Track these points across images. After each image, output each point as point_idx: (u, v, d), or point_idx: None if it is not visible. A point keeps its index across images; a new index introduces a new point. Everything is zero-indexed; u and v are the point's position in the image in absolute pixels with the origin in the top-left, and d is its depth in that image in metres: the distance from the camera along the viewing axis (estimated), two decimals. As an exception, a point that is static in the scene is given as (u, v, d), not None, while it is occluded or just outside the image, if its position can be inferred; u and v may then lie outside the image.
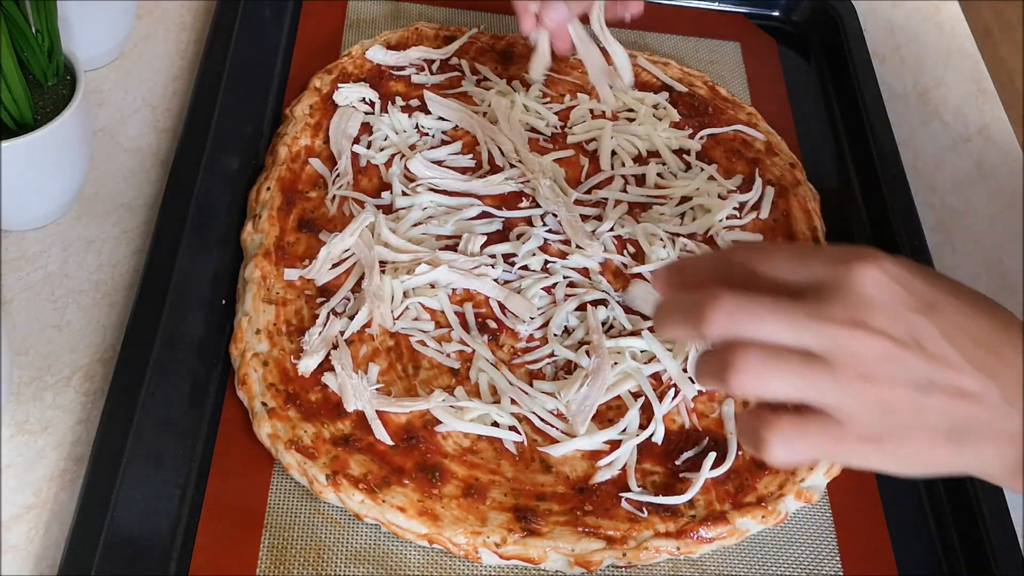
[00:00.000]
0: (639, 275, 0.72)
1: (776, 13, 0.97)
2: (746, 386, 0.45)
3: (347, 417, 0.62)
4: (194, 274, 0.66)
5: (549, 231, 0.73)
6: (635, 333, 0.68)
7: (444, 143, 0.78)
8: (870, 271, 0.46)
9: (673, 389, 0.66)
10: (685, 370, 0.66)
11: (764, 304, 0.46)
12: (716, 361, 0.46)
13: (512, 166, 0.76)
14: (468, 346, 0.66)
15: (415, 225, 0.71)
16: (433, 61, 0.83)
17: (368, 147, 0.76)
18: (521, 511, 0.60)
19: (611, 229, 0.74)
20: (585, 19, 0.80)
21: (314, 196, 0.73)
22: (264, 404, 0.62)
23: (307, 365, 0.63)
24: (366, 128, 0.77)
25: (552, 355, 0.67)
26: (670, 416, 0.65)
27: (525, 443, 0.63)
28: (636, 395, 0.66)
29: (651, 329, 0.68)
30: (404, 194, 0.73)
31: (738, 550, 0.62)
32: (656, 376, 0.67)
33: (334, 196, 0.72)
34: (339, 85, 0.78)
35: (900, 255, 0.47)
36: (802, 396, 0.45)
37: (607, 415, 0.65)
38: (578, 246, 0.72)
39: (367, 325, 0.66)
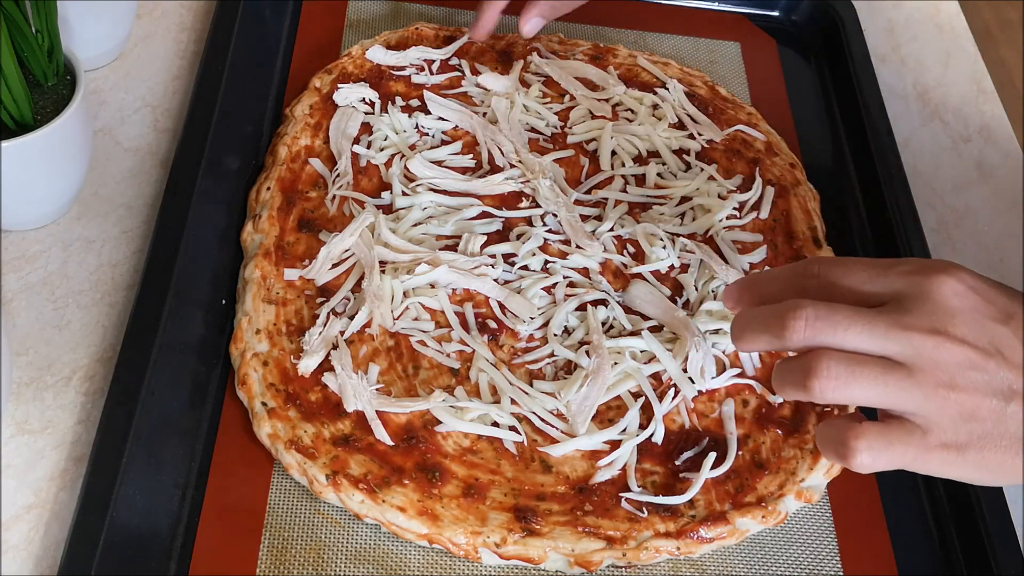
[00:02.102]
0: (639, 275, 0.72)
1: (776, 13, 0.97)
2: (828, 391, 0.46)
3: (347, 417, 0.62)
4: (194, 274, 0.66)
5: (549, 231, 0.73)
6: (635, 333, 0.68)
7: (444, 143, 0.78)
8: (949, 282, 0.47)
9: (673, 389, 0.66)
10: (685, 370, 0.66)
11: (845, 312, 0.47)
12: (797, 368, 0.47)
13: (512, 166, 0.76)
14: (468, 346, 0.66)
15: (415, 225, 0.71)
16: (433, 61, 0.83)
17: (368, 147, 0.76)
18: (521, 511, 0.60)
19: (611, 229, 0.74)
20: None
21: (314, 196, 0.73)
22: (264, 404, 0.62)
23: (307, 365, 0.63)
24: (366, 128, 0.77)
25: (552, 355, 0.67)
26: (670, 416, 0.65)
27: (525, 443, 0.63)
28: (636, 395, 0.66)
29: (651, 329, 0.68)
30: (404, 194, 0.73)
31: (738, 550, 0.62)
32: (656, 376, 0.67)
33: (334, 196, 0.72)
34: (339, 85, 0.78)
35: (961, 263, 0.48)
36: (884, 402, 0.46)
37: (607, 415, 0.65)
38: (578, 246, 0.72)
39: (367, 325, 0.66)
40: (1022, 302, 0.48)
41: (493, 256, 0.70)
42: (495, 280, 0.69)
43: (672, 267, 0.73)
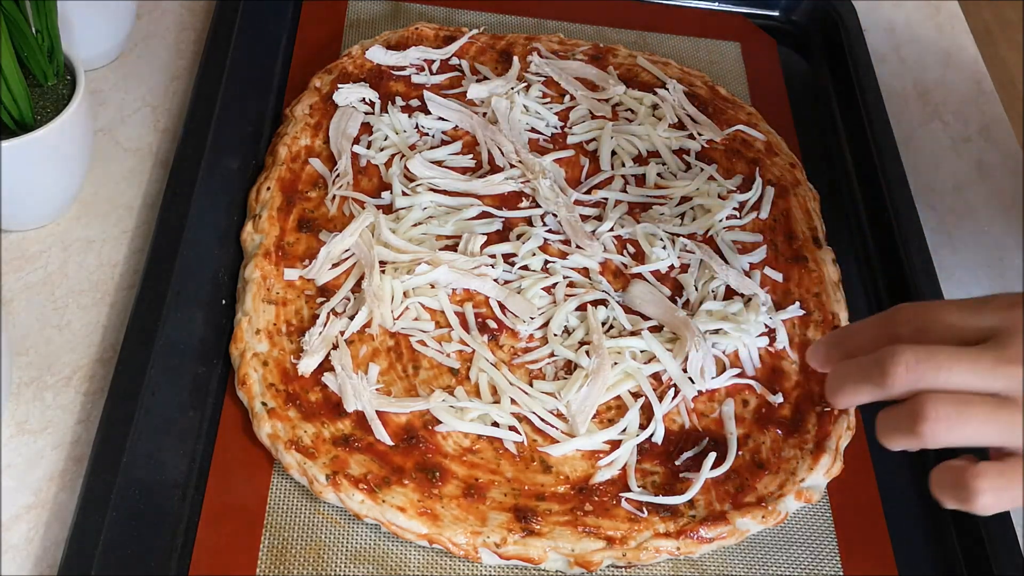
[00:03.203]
0: (639, 275, 0.72)
1: (776, 13, 0.97)
2: (939, 434, 0.45)
3: (347, 417, 0.62)
4: (194, 274, 0.66)
5: (549, 231, 0.73)
6: (635, 333, 0.68)
7: (444, 143, 0.78)
8: None
9: (673, 389, 0.66)
10: (685, 370, 0.66)
11: (946, 352, 0.45)
12: (904, 414, 0.46)
13: (512, 166, 0.76)
14: (468, 346, 0.66)
15: (415, 225, 0.71)
16: (433, 61, 0.83)
17: (368, 147, 0.76)
18: (521, 511, 0.60)
19: (611, 229, 0.74)
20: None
21: (314, 196, 0.73)
22: (264, 404, 0.62)
23: (307, 365, 0.63)
24: (366, 128, 0.77)
25: (552, 355, 0.67)
26: (670, 416, 0.65)
27: (525, 443, 0.63)
28: (636, 395, 0.66)
29: (651, 329, 0.68)
30: (404, 194, 0.73)
31: (738, 550, 0.62)
32: (656, 376, 0.67)
33: (334, 196, 0.72)
34: (339, 85, 0.78)
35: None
36: (997, 440, 0.45)
37: (607, 415, 0.65)
38: (578, 246, 0.72)
39: (367, 325, 0.66)
40: None
41: (493, 256, 0.70)
42: (495, 280, 0.69)
43: (672, 267, 0.73)
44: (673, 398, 0.66)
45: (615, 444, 0.63)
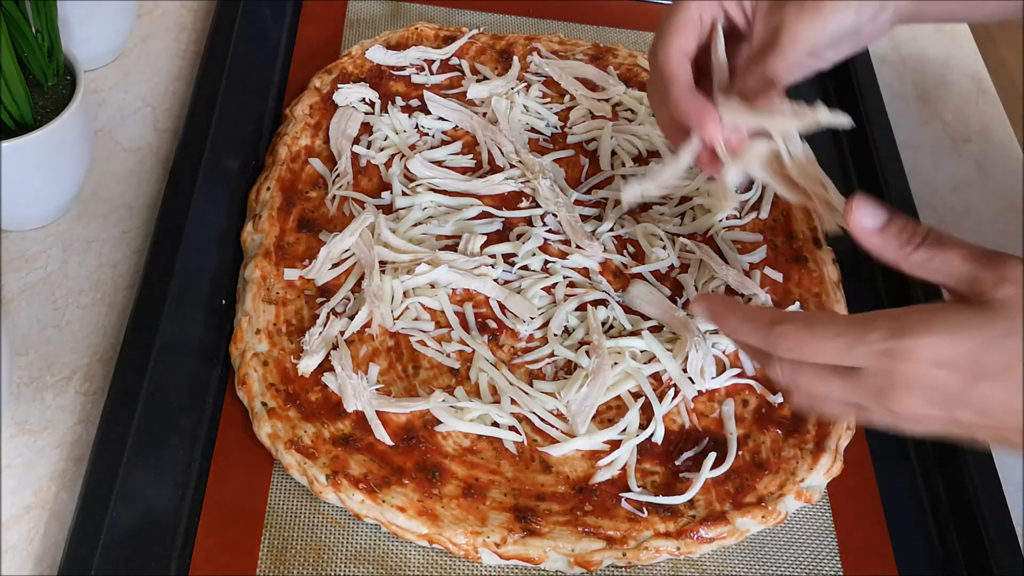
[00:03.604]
0: (639, 275, 0.72)
1: (776, 13, 0.96)
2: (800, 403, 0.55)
3: (347, 417, 0.62)
4: (194, 274, 0.66)
5: (549, 231, 0.73)
6: (635, 333, 0.68)
7: (444, 143, 0.78)
8: (911, 369, 0.48)
9: (673, 389, 0.66)
10: (685, 370, 0.66)
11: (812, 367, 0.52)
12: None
13: (512, 166, 0.76)
14: (468, 346, 0.66)
15: (415, 225, 0.71)
16: (433, 61, 0.83)
17: (368, 147, 0.76)
18: (521, 511, 0.60)
19: (611, 229, 0.74)
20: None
21: (314, 196, 0.73)
22: (264, 404, 0.62)
23: (307, 365, 0.63)
24: (366, 128, 0.77)
25: (552, 355, 0.67)
26: (670, 416, 0.65)
27: (525, 443, 0.63)
28: (636, 395, 0.66)
29: (651, 329, 0.68)
30: (404, 194, 0.73)
31: (738, 550, 0.62)
32: (656, 376, 0.67)
33: (334, 196, 0.72)
34: (339, 85, 0.78)
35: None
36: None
37: (607, 415, 0.65)
38: (578, 246, 0.72)
39: (367, 325, 0.66)
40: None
41: (493, 256, 0.70)
42: (495, 280, 0.69)
43: (672, 267, 0.73)
44: (673, 398, 0.66)
45: (615, 444, 0.63)
